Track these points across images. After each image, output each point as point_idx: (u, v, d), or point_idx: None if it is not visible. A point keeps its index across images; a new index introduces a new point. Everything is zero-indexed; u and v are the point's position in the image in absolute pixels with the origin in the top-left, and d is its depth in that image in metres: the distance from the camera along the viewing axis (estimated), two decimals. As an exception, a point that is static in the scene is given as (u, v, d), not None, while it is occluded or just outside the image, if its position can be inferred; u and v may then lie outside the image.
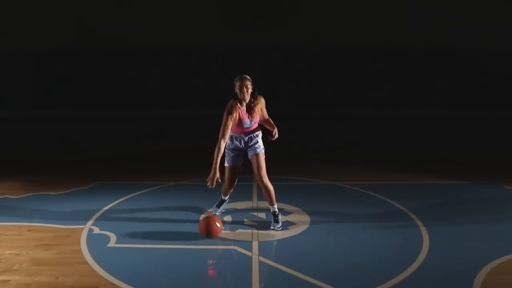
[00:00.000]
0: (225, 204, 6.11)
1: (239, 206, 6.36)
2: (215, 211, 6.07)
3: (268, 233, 5.56)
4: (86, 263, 4.87)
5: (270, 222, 5.69)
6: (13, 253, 5.10)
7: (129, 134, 10.44)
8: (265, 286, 4.50)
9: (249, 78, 5.43)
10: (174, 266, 4.87)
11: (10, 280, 4.56)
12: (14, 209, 6.29)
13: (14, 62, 11.69)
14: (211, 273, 4.90)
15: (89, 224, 5.81)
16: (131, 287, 4.44)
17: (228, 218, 5.99)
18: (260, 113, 5.57)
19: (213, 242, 5.38)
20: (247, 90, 5.39)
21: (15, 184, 7.23)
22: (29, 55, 11.71)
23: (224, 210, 6.12)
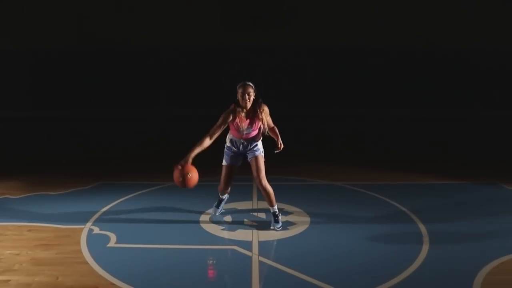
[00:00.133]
0: (224, 203, 6.10)
1: (239, 206, 6.36)
2: (215, 212, 6.07)
3: (268, 233, 5.56)
4: (86, 263, 4.87)
5: (270, 222, 5.69)
6: (13, 253, 5.09)
7: (129, 134, 10.45)
8: (265, 286, 4.50)
9: (252, 85, 5.41)
10: (174, 266, 4.87)
11: (10, 280, 4.56)
12: (14, 209, 6.29)
13: (14, 62, 11.70)
14: (211, 274, 4.89)
15: (89, 224, 5.80)
16: (131, 287, 4.44)
17: (228, 218, 5.99)
18: (261, 121, 5.47)
19: (213, 242, 5.38)
20: (249, 97, 5.38)
21: (15, 184, 7.23)
22: (29, 55, 11.73)
23: (224, 210, 6.12)
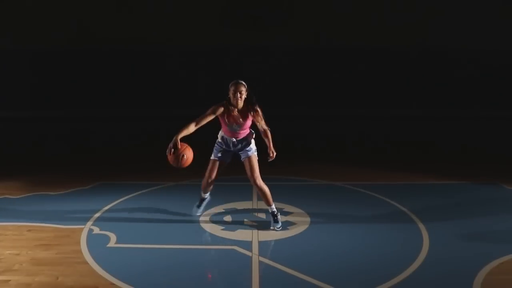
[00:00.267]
0: (205, 202, 5.99)
1: (239, 206, 6.36)
2: (196, 212, 5.98)
3: (268, 233, 5.57)
4: (86, 263, 4.87)
5: (270, 222, 5.69)
6: (13, 253, 5.10)
7: (129, 134, 10.44)
8: (265, 286, 4.50)
9: (244, 84, 5.41)
10: (174, 266, 4.87)
11: (10, 280, 4.56)
12: (14, 209, 6.29)
13: (14, 62, 11.69)
14: (210, 277, 4.90)
15: (89, 224, 5.81)
16: (131, 287, 4.44)
17: (228, 218, 5.99)
18: (256, 121, 5.48)
19: (213, 242, 5.38)
20: (241, 95, 5.37)
21: (15, 184, 7.23)
22: (28, 55, 11.72)
23: (203, 212, 6.00)
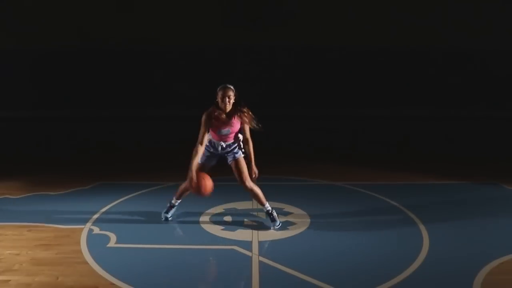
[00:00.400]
0: (174, 210, 5.90)
1: (239, 206, 6.35)
2: (164, 217, 5.89)
3: (268, 233, 5.56)
4: (86, 263, 4.87)
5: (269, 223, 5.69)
6: (13, 253, 5.09)
7: (129, 134, 10.45)
8: (265, 286, 4.50)
9: (232, 88, 5.41)
10: (174, 266, 4.87)
11: (10, 280, 4.56)
12: (14, 209, 6.29)
13: (14, 62, 11.70)
14: (211, 274, 4.90)
15: (89, 224, 5.80)
16: (131, 287, 4.44)
17: (228, 218, 5.99)
18: (244, 123, 5.46)
19: (213, 242, 5.38)
20: (229, 100, 5.38)
21: (15, 184, 7.23)
22: (29, 55, 11.73)
23: (171, 218, 5.90)
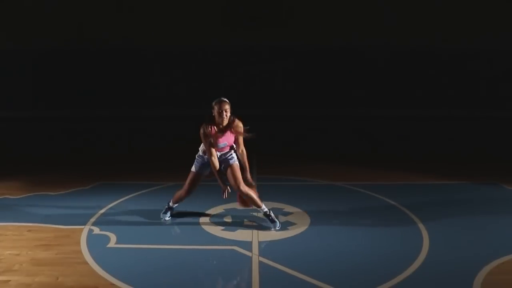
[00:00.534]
0: (171, 212, 5.94)
1: (239, 206, 6.34)
2: (163, 217, 5.92)
3: (268, 233, 5.56)
4: (86, 263, 4.87)
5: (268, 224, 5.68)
6: (13, 253, 5.09)
7: (129, 134, 10.45)
8: (265, 286, 4.49)
9: (227, 101, 5.42)
10: (174, 266, 4.87)
11: (10, 280, 4.56)
12: (14, 209, 6.29)
13: (14, 62, 11.71)
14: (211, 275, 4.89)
15: (89, 224, 5.80)
16: (131, 287, 4.44)
17: (228, 218, 5.98)
18: (239, 135, 5.53)
19: (213, 242, 5.38)
20: (226, 113, 5.39)
21: (15, 184, 7.23)
22: (29, 55, 11.73)
23: (169, 218, 5.93)
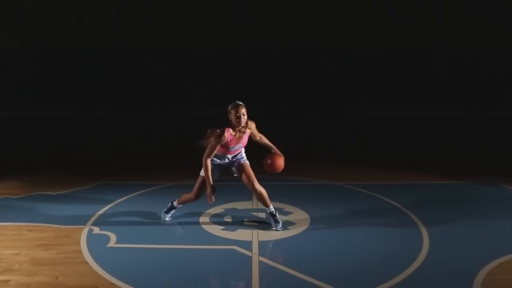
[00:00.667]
0: (173, 212, 5.94)
1: (239, 206, 6.35)
2: (164, 217, 5.92)
3: (268, 233, 5.56)
4: (86, 263, 4.87)
5: (271, 223, 5.68)
6: (13, 253, 5.10)
7: (129, 134, 10.44)
8: (265, 286, 4.50)
9: (243, 104, 5.40)
10: (174, 266, 4.87)
11: (10, 280, 4.56)
12: (14, 209, 6.29)
13: (14, 62, 11.70)
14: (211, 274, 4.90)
15: (89, 224, 5.80)
16: (131, 287, 4.44)
17: (228, 218, 5.99)
18: (252, 136, 5.62)
19: (213, 242, 5.38)
20: (244, 116, 5.38)
21: (15, 184, 7.23)
22: (29, 55, 11.73)
23: (170, 219, 5.92)
